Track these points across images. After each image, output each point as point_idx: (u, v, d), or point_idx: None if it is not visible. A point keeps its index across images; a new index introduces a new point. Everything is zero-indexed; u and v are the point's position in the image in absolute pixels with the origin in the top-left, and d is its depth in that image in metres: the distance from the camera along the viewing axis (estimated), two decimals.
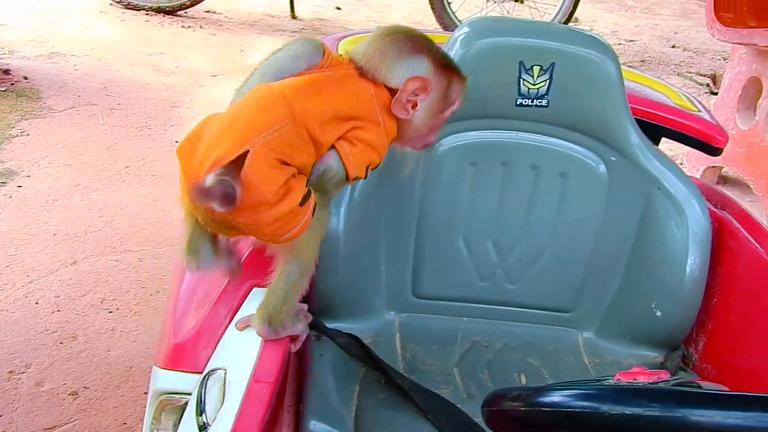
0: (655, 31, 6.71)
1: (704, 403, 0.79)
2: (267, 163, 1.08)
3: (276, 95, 1.15)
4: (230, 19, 5.15)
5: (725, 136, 1.79)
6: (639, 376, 0.87)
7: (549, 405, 0.84)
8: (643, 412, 0.79)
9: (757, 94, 3.80)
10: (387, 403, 1.46)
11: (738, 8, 3.73)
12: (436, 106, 1.29)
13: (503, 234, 1.68)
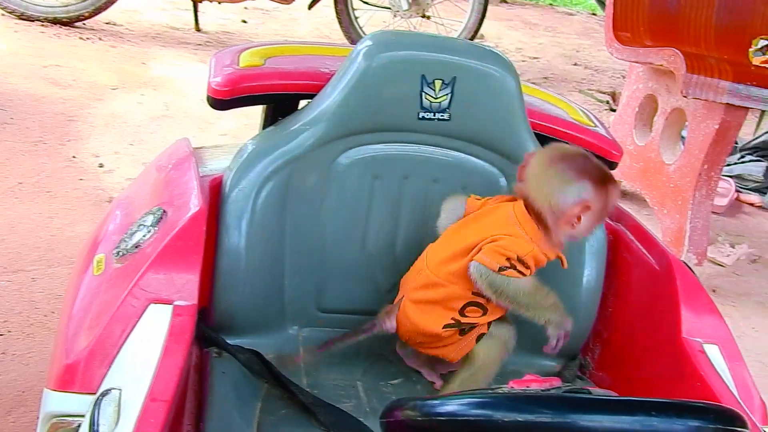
0: (557, 48, 6.89)
1: (593, 408, 0.80)
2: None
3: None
4: (131, 32, 5.05)
5: (620, 150, 1.84)
6: (532, 384, 0.88)
7: (445, 414, 0.85)
8: (535, 419, 0.80)
9: (653, 111, 3.93)
10: (290, 419, 1.44)
11: (635, 28, 3.85)
12: (598, 215, 1.49)
13: (406, 246, 1.69)
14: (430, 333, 1.54)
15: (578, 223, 1.48)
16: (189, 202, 1.41)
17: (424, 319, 1.54)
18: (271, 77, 1.68)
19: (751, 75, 3.21)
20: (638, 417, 0.81)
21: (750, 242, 3.93)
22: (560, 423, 0.79)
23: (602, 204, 1.48)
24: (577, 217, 1.47)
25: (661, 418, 0.81)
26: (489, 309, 1.53)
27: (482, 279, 1.46)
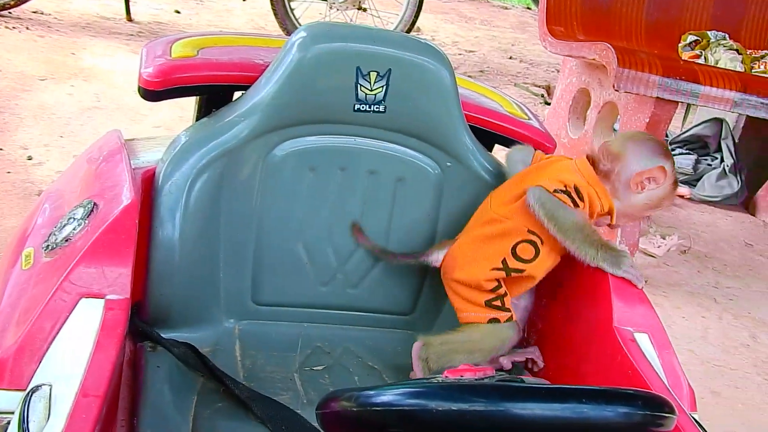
0: (493, 42, 6.95)
1: (525, 396, 0.82)
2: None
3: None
4: (60, 21, 4.93)
5: (553, 143, 1.87)
6: (465, 373, 0.89)
7: (380, 404, 0.85)
8: (468, 407, 0.81)
9: (587, 105, 4.00)
10: (225, 412, 1.43)
11: (568, 22, 3.91)
12: (654, 199, 1.61)
13: (342, 239, 1.69)
14: (475, 275, 1.58)
15: (641, 189, 1.59)
16: (121, 194, 1.39)
17: (477, 256, 1.59)
18: (204, 68, 1.66)
19: (681, 70, 3.28)
20: (569, 404, 0.82)
21: (680, 233, 4.03)
22: (493, 411, 0.80)
23: (667, 189, 1.60)
24: (644, 180, 1.58)
25: (591, 405, 0.83)
26: (541, 253, 1.57)
27: (537, 201, 1.52)
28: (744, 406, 2.75)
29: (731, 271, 3.87)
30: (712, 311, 3.42)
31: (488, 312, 1.58)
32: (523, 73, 6.21)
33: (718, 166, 4.75)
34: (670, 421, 0.89)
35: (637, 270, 1.55)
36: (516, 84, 5.83)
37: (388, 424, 0.86)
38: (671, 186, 1.62)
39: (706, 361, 3.01)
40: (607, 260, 1.53)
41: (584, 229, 1.53)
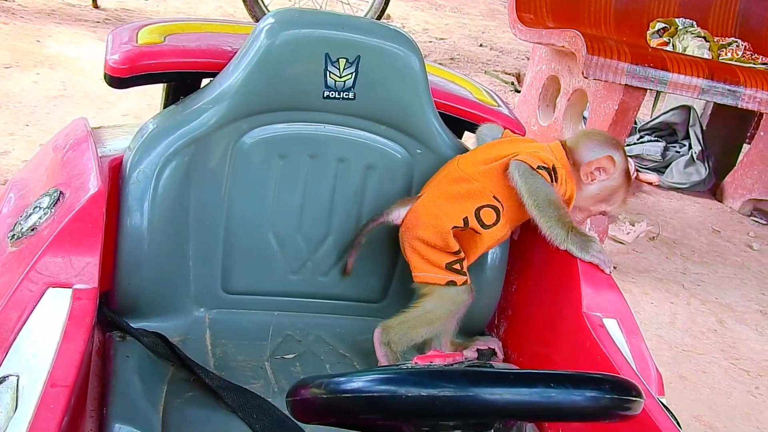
0: (463, 30, 6.96)
1: (493, 381, 0.82)
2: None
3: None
4: (24, 8, 4.86)
5: (523, 129, 1.87)
6: (435, 359, 0.90)
7: (350, 391, 0.85)
8: (437, 393, 0.81)
9: (556, 92, 4.02)
10: (196, 402, 1.43)
11: (538, 10, 3.93)
12: (604, 191, 1.64)
13: (312, 227, 1.68)
14: (437, 229, 1.58)
15: (592, 180, 1.62)
16: (87, 182, 1.37)
17: (440, 212, 1.58)
18: (171, 55, 1.65)
19: (649, 57, 3.31)
20: (538, 389, 0.83)
21: (649, 220, 4.07)
22: (462, 396, 0.81)
23: (618, 181, 1.63)
24: (594, 171, 1.62)
25: (559, 389, 0.83)
26: (500, 222, 1.59)
27: (520, 173, 1.54)
28: (711, 390, 2.79)
29: (699, 257, 3.92)
30: (680, 297, 3.46)
31: (447, 274, 1.58)
32: (493, 61, 6.22)
33: (686, 153, 4.80)
34: (638, 404, 0.90)
35: (606, 255, 1.57)
36: (486, 71, 5.84)
37: (358, 411, 0.86)
38: (623, 179, 1.64)
39: (674, 346, 3.05)
40: (576, 243, 1.54)
41: (559, 209, 1.55)
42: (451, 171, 1.63)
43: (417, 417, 0.85)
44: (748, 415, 2.70)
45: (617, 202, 1.67)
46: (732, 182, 4.69)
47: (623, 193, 1.66)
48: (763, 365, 3.05)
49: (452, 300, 1.59)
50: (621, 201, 1.67)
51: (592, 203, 1.67)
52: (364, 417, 0.86)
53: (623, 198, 1.67)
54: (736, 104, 3.43)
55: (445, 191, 1.61)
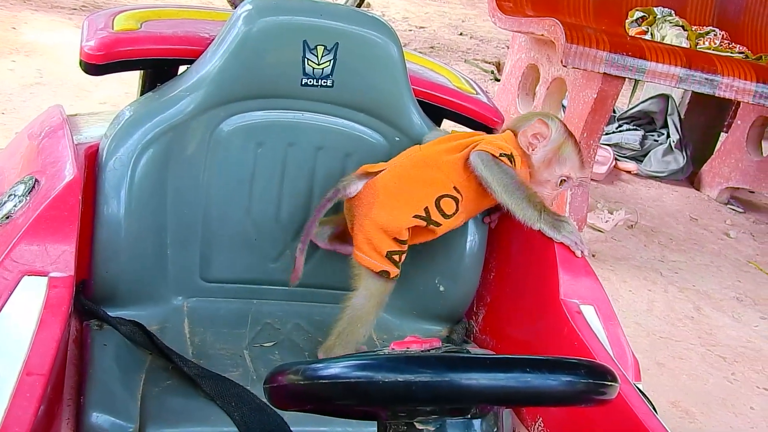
0: (444, 18, 6.96)
1: (469, 366, 0.82)
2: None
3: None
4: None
5: (501, 117, 1.87)
6: (412, 345, 0.90)
7: (327, 377, 0.85)
8: (414, 378, 0.81)
9: (536, 81, 4.02)
10: (174, 390, 1.42)
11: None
12: (550, 153, 1.63)
13: (291, 215, 1.68)
14: (397, 220, 1.56)
15: (533, 148, 1.63)
16: (63, 170, 1.36)
17: (401, 198, 1.57)
18: (147, 41, 1.63)
19: (627, 46, 3.32)
20: (513, 374, 0.83)
21: (627, 208, 4.10)
22: (438, 381, 0.81)
23: (558, 142, 1.63)
24: (530, 138, 1.62)
25: (535, 374, 0.84)
26: (458, 212, 1.58)
27: (483, 163, 1.54)
28: (688, 377, 2.82)
29: (676, 245, 3.95)
30: (657, 284, 3.49)
31: (384, 263, 1.56)
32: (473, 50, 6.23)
33: (664, 141, 4.83)
34: (613, 389, 0.91)
35: (579, 237, 1.57)
36: (466, 60, 5.84)
37: (335, 397, 0.86)
38: (563, 136, 1.63)
39: (652, 333, 3.08)
40: (548, 223, 1.54)
41: (528, 191, 1.55)
42: (414, 155, 1.62)
43: (394, 402, 0.85)
44: (724, 400, 2.73)
45: (571, 163, 1.64)
46: (709, 171, 4.72)
47: (571, 151, 1.64)
48: (739, 351, 3.09)
49: (380, 292, 1.58)
50: (576, 161, 1.65)
51: (547, 172, 1.65)
52: (341, 403, 0.86)
53: (576, 157, 1.65)
54: (714, 93, 3.44)
55: (408, 173, 1.59)
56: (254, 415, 1.35)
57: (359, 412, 0.93)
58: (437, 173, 1.58)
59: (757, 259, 4.00)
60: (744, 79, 3.43)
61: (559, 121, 1.65)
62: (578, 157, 1.66)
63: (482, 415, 0.90)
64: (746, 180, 4.50)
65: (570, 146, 1.64)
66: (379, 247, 1.56)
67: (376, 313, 1.60)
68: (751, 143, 4.49)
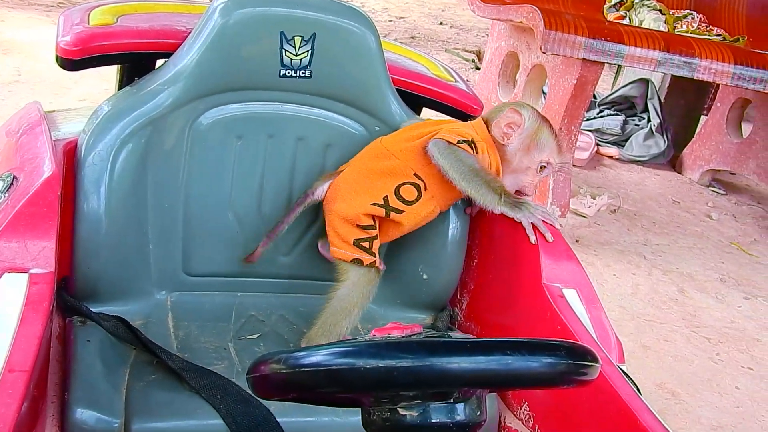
0: (423, 8, 6.95)
1: (451, 350, 0.83)
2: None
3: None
4: None
5: (480, 104, 1.88)
6: (393, 331, 0.90)
7: (309, 365, 0.85)
8: (396, 364, 0.82)
9: (516, 68, 4.03)
10: (159, 384, 1.42)
11: None
12: (526, 140, 1.61)
13: (272, 207, 1.68)
14: (354, 208, 1.58)
15: (508, 138, 1.61)
16: (41, 166, 1.36)
17: (359, 189, 1.59)
18: (123, 36, 1.63)
19: (605, 31, 3.33)
20: (494, 356, 0.84)
21: (609, 193, 4.12)
22: (420, 366, 0.81)
23: (534, 126, 1.61)
24: (504, 128, 1.61)
25: (516, 356, 0.84)
26: (422, 198, 1.59)
27: (440, 151, 1.54)
28: (673, 358, 2.84)
29: (659, 228, 3.97)
30: (641, 268, 3.51)
31: (354, 251, 1.58)
32: (453, 39, 6.23)
33: (645, 126, 4.85)
34: (594, 369, 0.91)
35: (546, 214, 1.59)
36: (447, 50, 5.84)
37: (317, 385, 0.86)
38: (537, 122, 1.62)
39: (637, 316, 3.10)
40: (508, 204, 1.55)
41: (487, 175, 1.55)
42: (374, 147, 1.64)
43: (376, 388, 0.85)
44: (709, 381, 2.76)
45: (549, 148, 1.63)
46: (690, 154, 4.75)
47: (547, 136, 1.63)
48: (723, 332, 3.11)
49: (362, 283, 1.59)
50: (553, 146, 1.64)
51: (526, 159, 1.63)
52: (324, 390, 0.87)
53: (553, 142, 1.64)
54: (692, 76, 3.46)
55: (366, 166, 1.61)
56: (240, 407, 1.35)
57: (342, 400, 0.93)
58: (395, 162, 1.59)
59: (739, 240, 4.03)
60: (722, 61, 3.45)
61: (532, 108, 1.65)
62: (555, 142, 1.65)
63: (465, 399, 0.90)
64: (727, 162, 4.53)
65: (546, 131, 1.63)
66: (345, 237, 1.58)
67: (361, 305, 1.60)
68: (731, 125, 4.52)
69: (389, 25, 6.10)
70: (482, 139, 1.60)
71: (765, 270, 3.78)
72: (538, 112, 1.65)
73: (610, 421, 1.29)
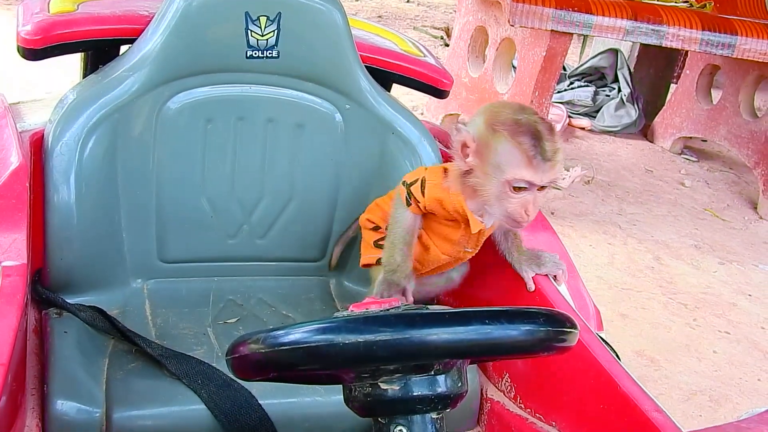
0: None
1: (429, 322, 0.83)
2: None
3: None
4: None
5: (450, 79, 1.87)
6: (371, 306, 0.90)
7: (288, 343, 0.85)
8: (374, 338, 0.81)
9: (485, 43, 4.02)
10: (139, 372, 1.41)
11: None
12: (480, 165, 1.32)
13: (246, 190, 1.67)
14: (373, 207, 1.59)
15: (463, 157, 1.34)
16: (8, 158, 1.34)
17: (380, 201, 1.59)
18: (85, 23, 1.60)
19: (573, 1, 3.33)
20: (473, 326, 0.84)
21: (583, 164, 4.13)
22: (399, 339, 0.81)
23: (484, 140, 1.31)
24: (461, 150, 1.34)
25: (494, 325, 0.84)
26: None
27: (394, 201, 1.48)
28: (651, 326, 2.87)
29: (633, 198, 3.99)
30: (617, 237, 3.53)
31: (376, 253, 1.56)
32: (421, 16, 6.21)
33: (615, 96, 4.87)
34: (573, 336, 0.91)
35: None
36: (415, 27, 5.83)
37: (297, 363, 0.86)
38: (495, 135, 1.30)
39: (614, 285, 3.12)
40: (382, 283, 1.49)
41: (399, 240, 1.48)
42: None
43: (356, 363, 0.85)
44: (687, 346, 2.78)
45: (509, 160, 1.29)
46: (662, 122, 4.77)
47: (506, 145, 1.29)
48: (699, 298, 3.14)
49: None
50: (517, 157, 1.28)
51: (487, 183, 1.33)
52: (304, 368, 0.86)
53: (516, 152, 1.28)
54: (661, 43, 3.47)
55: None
56: (222, 392, 1.35)
57: (323, 377, 0.93)
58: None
59: (712, 206, 4.07)
60: (689, 27, 3.46)
61: (487, 114, 1.34)
62: (520, 151, 1.27)
63: (446, 371, 0.90)
64: (698, 129, 4.55)
65: (503, 140, 1.28)
66: (368, 240, 1.59)
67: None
68: (701, 92, 4.54)
69: (356, 5, 6.07)
70: (440, 176, 1.42)
71: (738, 235, 3.82)
72: (494, 115, 1.33)
73: (590, 389, 1.30)
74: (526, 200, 1.31)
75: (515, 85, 3.68)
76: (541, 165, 1.28)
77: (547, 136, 1.28)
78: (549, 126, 1.31)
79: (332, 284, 1.76)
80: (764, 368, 2.73)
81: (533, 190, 1.30)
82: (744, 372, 2.69)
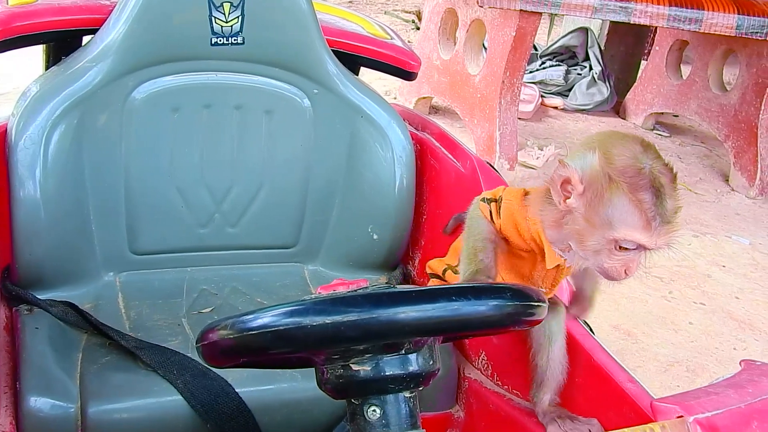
0: None
1: (397, 300, 0.82)
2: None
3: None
4: None
5: (418, 60, 1.87)
6: (338, 287, 0.90)
7: (256, 328, 0.84)
8: (342, 319, 0.81)
9: (455, 25, 4.02)
10: (113, 365, 1.40)
11: None
12: (588, 215, 1.12)
13: (216, 178, 1.66)
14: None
15: (564, 200, 1.14)
16: None
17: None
18: (46, 14, 1.58)
19: None
20: (441, 303, 0.83)
21: (557, 143, 4.14)
22: (367, 319, 0.81)
23: (596, 188, 1.11)
24: (561, 186, 1.14)
25: (462, 301, 0.84)
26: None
27: (469, 213, 1.31)
28: (627, 300, 2.88)
29: None
30: None
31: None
32: (392, 1, 6.19)
33: (587, 74, 4.88)
34: (541, 309, 0.92)
35: None
36: (386, 12, 5.81)
37: (267, 347, 0.85)
38: (610, 186, 1.10)
39: None
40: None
41: (477, 253, 1.27)
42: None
43: (325, 345, 0.85)
44: (663, 319, 2.81)
45: (623, 219, 1.10)
46: (633, 99, 4.80)
47: (622, 200, 1.09)
48: (674, 271, 3.16)
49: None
50: (634, 217, 1.09)
51: (589, 236, 1.13)
52: (273, 352, 0.86)
53: (633, 211, 1.09)
54: (629, 20, 3.49)
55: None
56: (197, 381, 1.34)
57: (294, 360, 0.93)
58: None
59: (685, 180, 4.09)
60: (657, 3, 3.47)
61: (598, 151, 1.12)
62: (639, 211, 1.09)
63: (417, 350, 0.90)
64: (669, 104, 4.58)
65: (621, 194, 1.09)
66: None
67: None
68: (671, 68, 4.56)
69: None
70: (519, 198, 1.26)
71: (711, 207, 3.85)
72: (613, 159, 1.11)
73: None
74: (630, 260, 1.14)
75: (486, 66, 3.68)
76: (659, 228, 1.10)
77: (669, 192, 1.10)
78: (672, 176, 1.12)
79: (306, 270, 1.76)
80: (739, 337, 2.76)
81: (641, 251, 1.14)
82: (720, 342, 2.71)
